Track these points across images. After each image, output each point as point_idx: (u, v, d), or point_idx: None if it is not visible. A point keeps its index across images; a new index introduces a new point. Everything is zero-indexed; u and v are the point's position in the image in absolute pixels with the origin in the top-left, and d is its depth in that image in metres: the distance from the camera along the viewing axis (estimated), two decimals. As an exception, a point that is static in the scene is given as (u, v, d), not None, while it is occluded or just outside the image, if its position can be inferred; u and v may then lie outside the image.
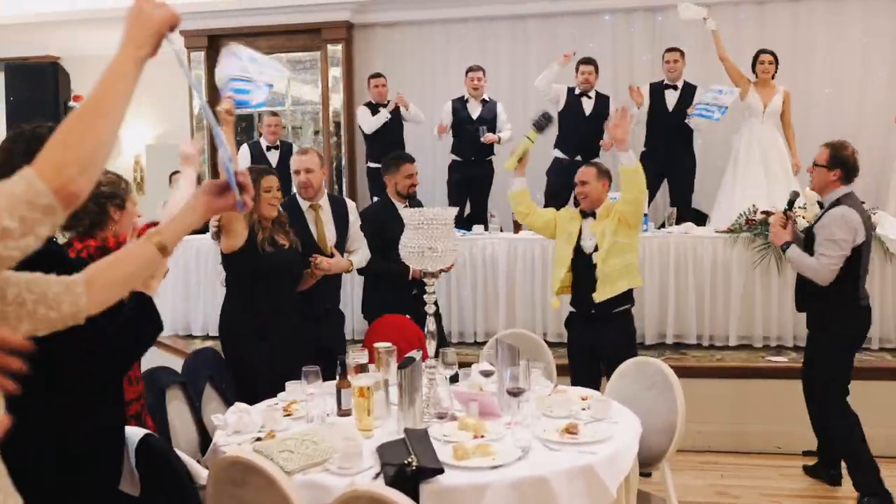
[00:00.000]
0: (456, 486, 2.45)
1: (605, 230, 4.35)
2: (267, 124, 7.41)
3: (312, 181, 4.38)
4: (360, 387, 2.97)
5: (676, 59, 7.00)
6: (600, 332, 4.41)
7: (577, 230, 4.46)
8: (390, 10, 8.59)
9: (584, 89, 7.13)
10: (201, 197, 1.78)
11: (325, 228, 4.41)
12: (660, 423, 3.33)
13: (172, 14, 1.58)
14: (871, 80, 7.76)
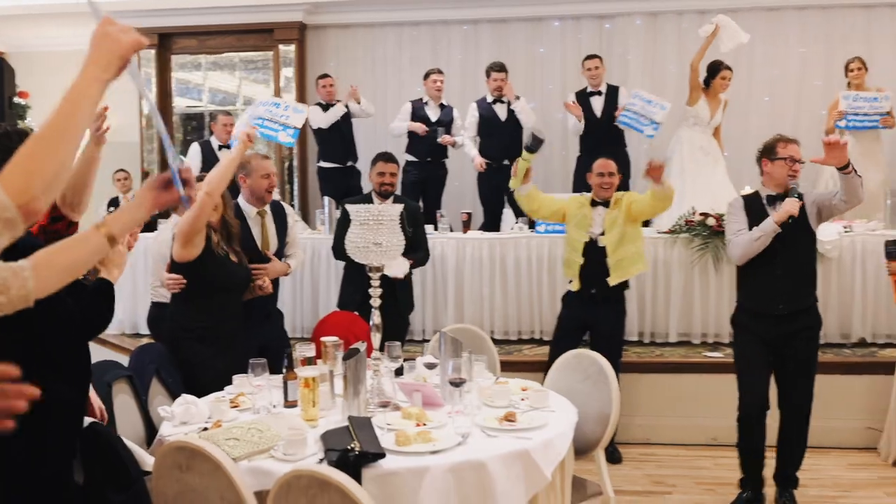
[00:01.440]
0: (396, 469, 2.56)
1: (615, 219, 4.89)
2: (222, 123, 7.44)
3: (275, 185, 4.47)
4: (306, 378, 3.06)
5: (597, 65, 7.20)
6: (597, 309, 4.94)
7: (589, 217, 4.95)
8: (343, 11, 8.68)
9: (496, 96, 7.26)
10: (147, 192, 1.88)
11: (269, 235, 4.46)
12: (595, 413, 3.47)
13: (138, 39, 1.64)
14: (807, 88, 8.06)
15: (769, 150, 4.23)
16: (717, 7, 8.16)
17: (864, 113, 6.69)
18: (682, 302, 6.01)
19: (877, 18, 8.10)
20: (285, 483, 2.18)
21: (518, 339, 6.22)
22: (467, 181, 8.37)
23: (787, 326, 4.11)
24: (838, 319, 5.91)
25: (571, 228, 5.01)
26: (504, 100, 7.22)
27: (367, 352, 3.21)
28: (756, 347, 4.18)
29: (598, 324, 4.98)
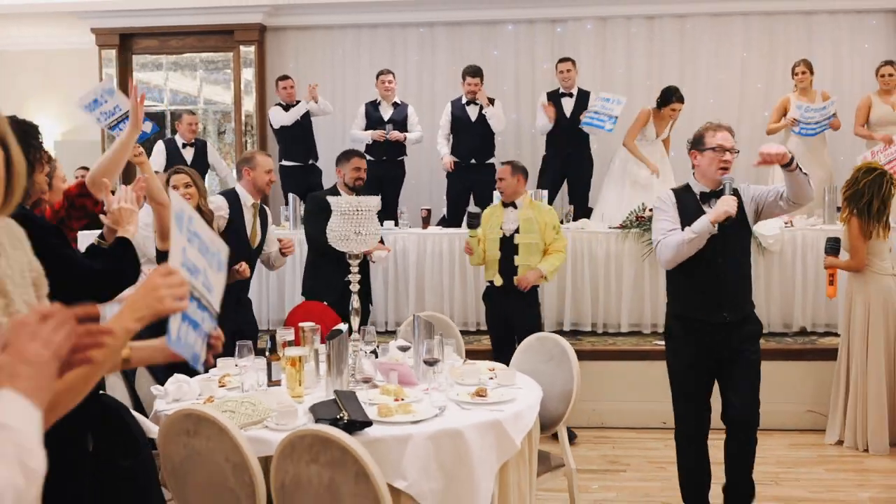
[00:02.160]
0: (382, 437, 2.78)
1: (531, 224, 5.13)
2: (187, 123, 7.60)
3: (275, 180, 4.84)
4: (292, 357, 3.27)
5: (569, 68, 7.49)
6: (513, 303, 5.14)
7: (500, 217, 5.22)
8: (302, 14, 8.84)
9: (469, 98, 7.51)
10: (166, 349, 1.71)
11: (257, 228, 4.74)
12: (558, 391, 3.74)
13: (179, 307, 1.56)
14: (750, 91, 8.46)
15: (698, 141, 3.77)
16: (664, 13, 8.57)
17: (815, 122, 7.07)
18: (632, 294, 6.31)
19: (816, 25, 8.52)
20: (289, 442, 2.40)
21: (477, 330, 6.47)
22: (425, 179, 8.63)
23: (732, 336, 3.71)
24: (780, 310, 6.27)
25: (488, 233, 5.25)
26: (477, 102, 7.47)
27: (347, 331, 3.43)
28: (694, 361, 3.79)
29: (515, 317, 5.17)
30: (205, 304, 1.67)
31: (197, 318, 1.63)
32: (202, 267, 1.65)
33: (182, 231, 1.58)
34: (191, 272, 1.60)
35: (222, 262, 1.75)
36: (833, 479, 4.71)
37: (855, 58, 8.46)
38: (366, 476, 2.27)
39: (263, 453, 2.66)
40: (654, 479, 4.76)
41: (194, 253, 1.62)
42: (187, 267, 1.59)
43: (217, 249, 1.73)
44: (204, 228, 1.68)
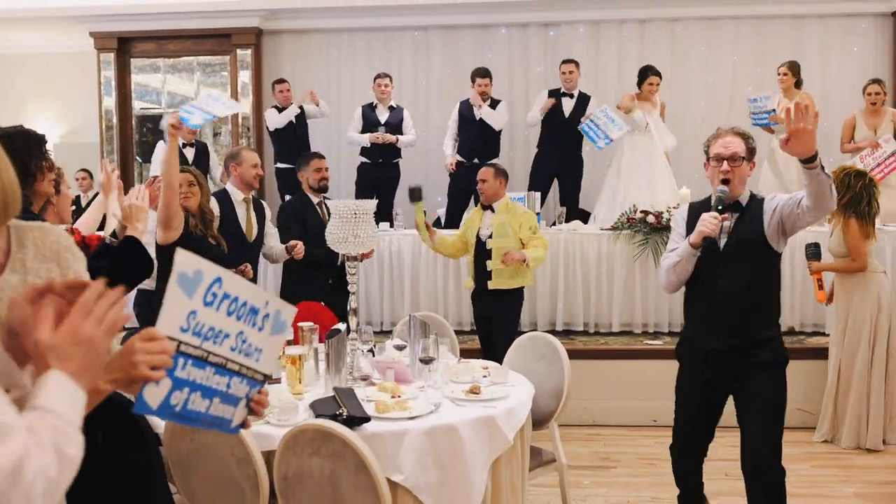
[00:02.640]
0: (380, 432, 2.89)
1: (504, 228, 5.15)
2: None
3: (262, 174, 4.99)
4: (292, 356, 3.38)
5: (572, 69, 7.63)
6: (492, 305, 5.25)
7: (478, 221, 5.27)
8: (298, 18, 8.95)
9: (479, 100, 7.61)
10: None
11: (252, 222, 4.86)
12: (549, 388, 3.85)
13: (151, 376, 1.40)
14: (740, 94, 8.58)
15: (705, 150, 3.44)
16: (656, 16, 8.70)
17: (753, 113, 7.22)
18: (624, 294, 6.44)
19: (805, 29, 8.67)
20: (292, 437, 2.51)
21: (471, 330, 6.55)
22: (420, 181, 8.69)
23: (737, 363, 3.36)
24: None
25: (469, 237, 5.36)
26: (479, 104, 7.60)
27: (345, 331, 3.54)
28: (695, 386, 3.51)
29: (495, 318, 5.27)
30: (233, 368, 1.57)
31: (213, 384, 1.53)
32: (231, 330, 1.54)
33: (193, 295, 1.46)
34: (201, 337, 1.49)
35: (281, 323, 1.65)
36: (818, 475, 4.83)
37: (844, 62, 8.60)
38: (365, 468, 2.38)
39: (266, 448, 2.76)
40: (644, 476, 4.87)
41: (217, 316, 1.50)
42: (195, 332, 1.47)
43: (270, 309, 1.61)
44: (244, 290, 1.56)
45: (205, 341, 1.49)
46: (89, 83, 8.99)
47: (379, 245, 6.62)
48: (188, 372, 1.47)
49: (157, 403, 1.43)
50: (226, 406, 1.58)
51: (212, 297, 1.49)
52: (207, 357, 1.50)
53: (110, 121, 8.94)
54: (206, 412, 1.53)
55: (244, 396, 1.61)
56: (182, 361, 1.45)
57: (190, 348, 1.46)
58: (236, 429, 1.64)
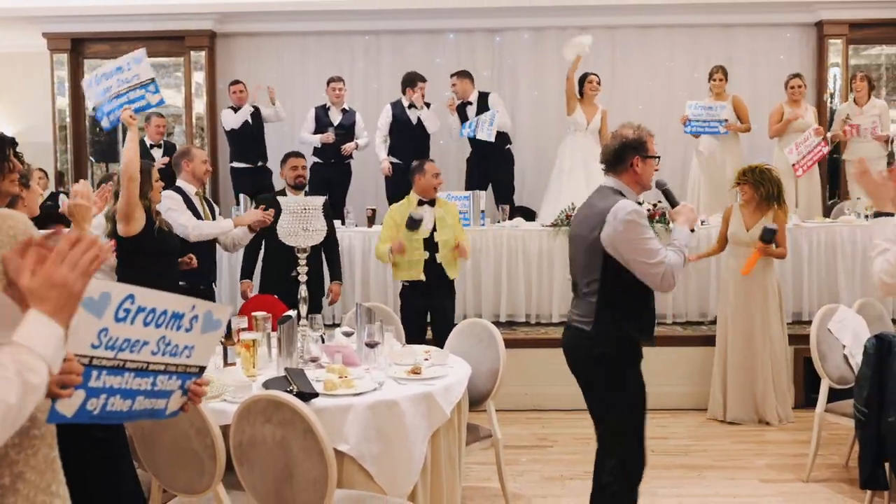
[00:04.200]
0: (327, 407, 3.19)
1: (444, 220, 5.47)
2: (155, 125, 7.99)
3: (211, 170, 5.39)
4: (246, 341, 3.66)
5: (456, 82, 7.93)
6: (436, 298, 5.52)
7: None
8: (251, 21, 9.16)
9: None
10: None
11: (207, 216, 5.17)
12: (486, 370, 4.18)
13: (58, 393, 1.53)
14: (674, 99, 9.00)
15: (641, 147, 3.43)
16: (595, 24, 9.09)
17: (703, 120, 7.64)
18: (563, 287, 6.78)
19: (734, 37, 9.14)
20: (246, 407, 2.80)
21: (419, 323, 6.90)
22: (370, 180, 9.02)
23: None
24: (697, 301, 6.82)
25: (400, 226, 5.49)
26: (419, 107, 7.88)
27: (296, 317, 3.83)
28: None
29: (437, 310, 5.56)
30: (157, 369, 1.74)
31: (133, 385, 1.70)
32: (150, 337, 1.70)
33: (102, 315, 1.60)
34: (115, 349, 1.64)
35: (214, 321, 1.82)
36: (735, 449, 5.25)
37: (771, 69, 9.07)
38: (313, 433, 2.67)
39: (223, 422, 3.03)
40: (578, 453, 5.21)
41: (132, 329, 1.66)
42: (108, 346, 1.62)
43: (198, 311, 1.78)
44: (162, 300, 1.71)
45: (120, 352, 1.65)
46: (43, 83, 9.11)
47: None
48: (104, 381, 1.64)
49: (73, 412, 1.61)
50: (155, 399, 1.76)
51: (124, 312, 1.64)
52: (124, 364, 1.67)
53: (63, 121, 9.08)
54: (130, 409, 1.72)
55: (178, 388, 1.80)
56: (96, 373, 1.62)
57: (103, 361, 1.63)
58: (174, 413, 1.84)
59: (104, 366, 1.64)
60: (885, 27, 8.93)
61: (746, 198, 5.72)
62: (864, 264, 6.68)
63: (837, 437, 5.10)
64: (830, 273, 6.70)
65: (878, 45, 9.13)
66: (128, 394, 1.70)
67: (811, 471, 4.68)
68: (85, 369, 1.60)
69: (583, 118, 7.62)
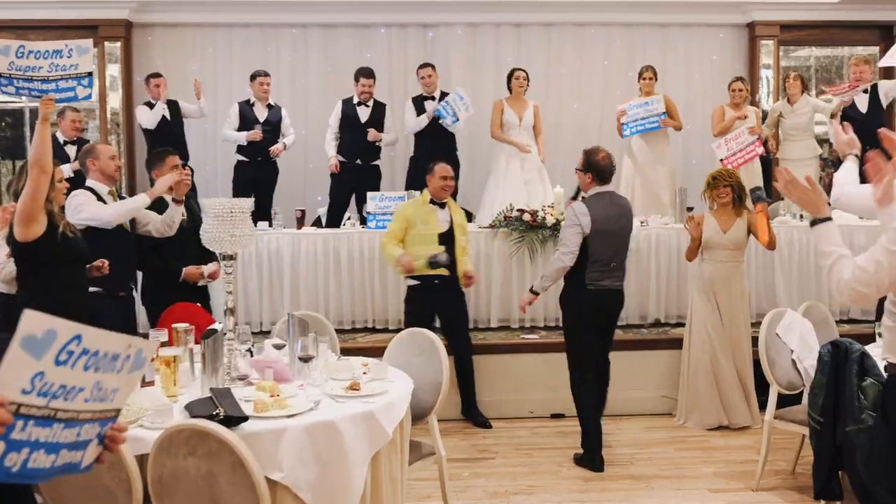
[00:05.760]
0: (258, 431, 2.88)
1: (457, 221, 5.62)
2: (71, 119, 7.45)
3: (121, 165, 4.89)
4: (166, 357, 3.32)
5: (430, 73, 7.73)
6: (448, 296, 5.59)
7: (434, 214, 5.55)
8: (171, 11, 8.73)
9: (362, 99, 7.67)
10: None
11: None
12: (428, 382, 3.92)
13: None
14: (610, 97, 8.92)
15: None
16: (531, 21, 8.94)
17: (641, 118, 7.54)
18: (501, 290, 6.59)
19: (669, 37, 9.10)
20: (167, 438, 2.48)
21: (352, 328, 6.61)
22: (299, 179, 8.69)
23: None
24: (637, 303, 6.67)
25: (419, 226, 5.50)
26: (368, 104, 7.61)
27: (222, 331, 3.51)
28: None
29: (446, 308, 5.52)
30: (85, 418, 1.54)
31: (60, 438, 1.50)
32: (87, 384, 1.50)
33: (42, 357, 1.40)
34: (48, 396, 1.44)
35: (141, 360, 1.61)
36: (681, 458, 5.10)
37: (704, 68, 9.09)
38: (242, 466, 2.38)
39: (139, 451, 2.71)
40: (521, 465, 5.02)
41: (71, 374, 1.46)
42: (41, 393, 1.43)
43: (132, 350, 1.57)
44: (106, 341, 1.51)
45: (53, 399, 1.45)
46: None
47: (258, 244, 6.54)
48: (29, 433, 1.43)
49: None
50: (74, 452, 1.55)
51: (66, 355, 1.44)
52: (55, 415, 1.46)
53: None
54: (52, 466, 1.50)
55: (95, 436, 1.59)
56: (21, 423, 1.41)
57: (33, 409, 1.42)
58: (88, 467, 1.61)
59: (32, 415, 1.43)
60: (814, 29, 9.01)
61: (726, 201, 5.66)
62: (802, 266, 6.66)
63: (782, 441, 4.99)
64: (768, 275, 6.65)
65: (808, 46, 9.21)
66: (52, 448, 1.49)
67: (760, 479, 4.56)
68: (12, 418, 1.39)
69: (513, 116, 7.44)
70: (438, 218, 5.54)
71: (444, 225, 5.54)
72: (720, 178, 5.69)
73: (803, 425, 4.22)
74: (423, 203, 5.62)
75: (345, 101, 7.74)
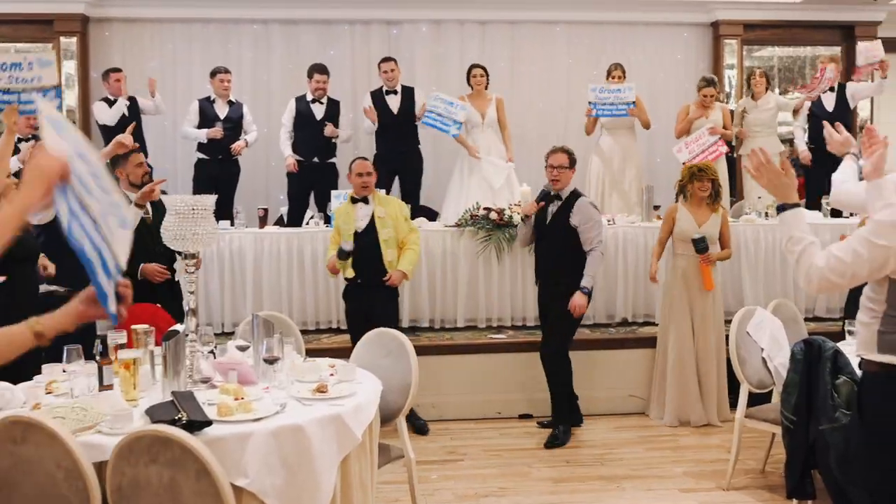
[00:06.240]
0: (223, 436, 2.77)
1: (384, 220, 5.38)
2: (25, 116, 7.20)
3: None
4: (126, 360, 3.19)
5: (392, 67, 7.63)
6: (374, 296, 5.36)
7: (352, 213, 5.41)
8: (129, 5, 8.52)
9: (317, 96, 7.53)
10: (79, 305, 1.91)
11: None
12: (397, 384, 3.84)
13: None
14: (574, 94, 8.89)
15: (546, 158, 5.38)
16: (495, 18, 8.89)
17: (609, 103, 7.50)
18: (468, 289, 6.50)
19: (633, 35, 9.10)
20: (126, 445, 2.36)
21: (317, 329, 6.48)
22: (261, 177, 8.54)
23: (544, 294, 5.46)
24: (604, 303, 6.63)
25: (341, 226, 5.44)
26: (323, 101, 7.47)
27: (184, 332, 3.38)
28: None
29: (375, 308, 5.34)
30: (102, 231, 1.80)
31: (88, 228, 1.76)
32: (97, 193, 1.78)
33: (70, 143, 1.75)
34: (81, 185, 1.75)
35: (125, 220, 1.89)
36: (651, 457, 5.07)
37: (668, 67, 9.11)
38: (207, 474, 2.27)
39: (97, 458, 2.59)
40: (490, 467, 4.95)
41: (89, 181, 1.77)
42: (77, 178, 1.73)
43: (119, 201, 1.88)
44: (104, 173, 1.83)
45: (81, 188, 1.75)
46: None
47: (219, 243, 6.39)
48: None
49: None
50: (107, 283, 1.82)
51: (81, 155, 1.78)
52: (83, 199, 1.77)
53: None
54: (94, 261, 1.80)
55: (111, 282, 1.83)
56: None
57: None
58: (114, 316, 1.86)
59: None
60: (777, 28, 9.08)
61: (707, 194, 5.65)
62: (768, 264, 6.67)
63: (751, 440, 4.97)
64: (735, 273, 6.64)
65: (771, 45, 9.26)
66: (86, 233, 1.78)
67: (731, 478, 4.53)
68: None
69: (475, 114, 7.36)
70: (357, 216, 5.40)
71: (362, 222, 5.39)
72: (706, 171, 5.68)
73: (774, 424, 4.21)
74: (348, 202, 5.53)
75: (298, 98, 7.59)
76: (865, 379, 2.62)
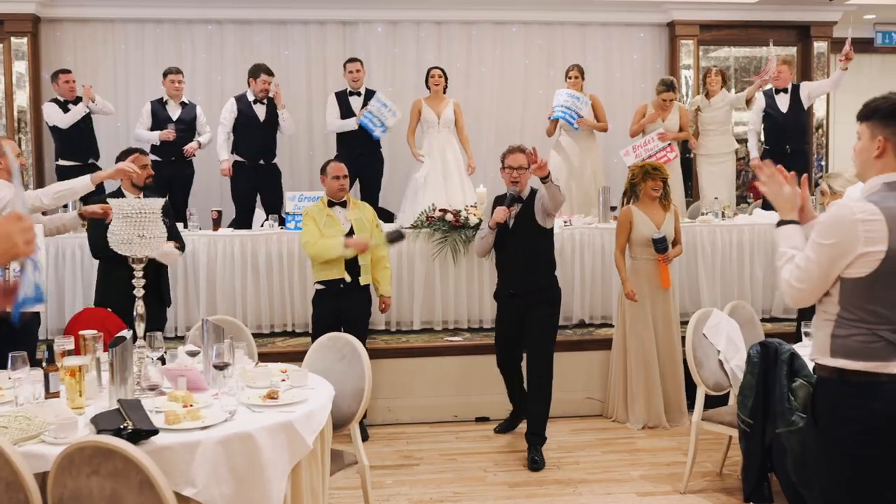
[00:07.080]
0: (169, 445, 2.72)
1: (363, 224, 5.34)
2: None
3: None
4: (72, 367, 3.11)
5: (358, 68, 7.60)
6: (352, 299, 5.35)
7: (334, 216, 5.33)
8: (81, 5, 8.37)
9: (261, 97, 7.40)
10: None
11: None
12: (350, 389, 3.80)
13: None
14: (531, 96, 8.92)
15: (501, 160, 5.06)
16: (451, 19, 8.88)
17: (568, 107, 7.52)
18: (424, 292, 6.47)
19: (589, 36, 9.14)
20: (67, 456, 2.30)
21: (271, 332, 6.42)
22: (215, 179, 8.41)
23: (521, 303, 5.01)
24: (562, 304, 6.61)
25: (325, 231, 5.27)
26: (264, 102, 7.38)
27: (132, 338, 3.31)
28: (503, 319, 5.21)
29: (351, 312, 5.33)
30: None
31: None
32: None
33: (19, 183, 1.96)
34: None
35: None
36: (608, 461, 5.07)
37: (625, 67, 9.18)
38: (151, 485, 2.22)
39: (40, 469, 2.53)
40: (446, 471, 4.92)
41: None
42: None
43: None
44: None
45: None
46: None
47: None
48: None
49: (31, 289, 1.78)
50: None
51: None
52: None
53: None
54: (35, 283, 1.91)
55: None
56: None
57: None
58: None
59: None
60: (733, 29, 9.18)
61: (659, 194, 5.68)
62: (725, 265, 6.73)
63: (707, 442, 5.01)
64: (691, 275, 6.68)
65: (727, 46, 9.36)
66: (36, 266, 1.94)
67: (688, 481, 4.56)
68: None
69: (432, 114, 7.37)
70: (340, 220, 5.34)
71: (346, 225, 5.34)
72: (659, 170, 5.71)
73: (731, 427, 4.23)
74: (323, 206, 5.40)
75: (238, 97, 7.46)
76: (819, 383, 2.63)
